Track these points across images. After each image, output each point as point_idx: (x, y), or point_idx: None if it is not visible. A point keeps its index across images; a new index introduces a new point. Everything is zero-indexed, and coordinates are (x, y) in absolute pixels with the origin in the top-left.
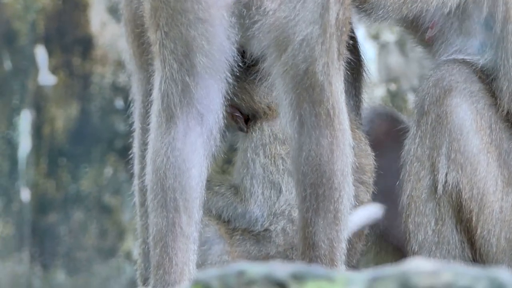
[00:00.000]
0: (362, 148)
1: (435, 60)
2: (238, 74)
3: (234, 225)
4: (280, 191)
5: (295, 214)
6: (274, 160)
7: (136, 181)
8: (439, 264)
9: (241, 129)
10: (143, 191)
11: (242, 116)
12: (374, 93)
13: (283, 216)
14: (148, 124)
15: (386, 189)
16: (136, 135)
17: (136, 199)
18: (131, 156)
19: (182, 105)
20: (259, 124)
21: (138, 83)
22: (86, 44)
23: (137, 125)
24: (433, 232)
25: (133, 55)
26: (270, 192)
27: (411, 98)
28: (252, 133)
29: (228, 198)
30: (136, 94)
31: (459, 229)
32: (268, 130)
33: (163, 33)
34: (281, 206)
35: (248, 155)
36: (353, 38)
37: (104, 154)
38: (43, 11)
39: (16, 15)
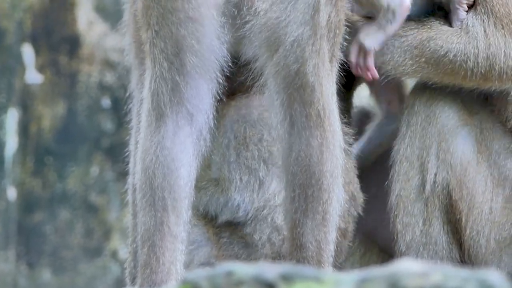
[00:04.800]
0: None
1: None
2: (228, 74)
3: (221, 220)
4: (261, 181)
5: (279, 221)
6: (247, 146)
7: (130, 179)
8: (428, 265)
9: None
10: (135, 189)
11: None
12: (360, 94)
13: (266, 224)
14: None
15: (373, 189)
16: (133, 132)
17: (129, 197)
18: (117, 155)
19: (172, 104)
20: (228, 103)
21: (137, 80)
22: (73, 43)
23: (134, 123)
24: (420, 232)
25: (134, 52)
26: (248, 177)
27: None
28: (224, 113)
29: (210, 191)
30: (134, 91)
31: (446, 230)
32: (235, 109)
33: (153, 32)
34: (262, 210)
35: (221, 140)
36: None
37: (91, 153)
38: (30, 9)
39: (3, 13)
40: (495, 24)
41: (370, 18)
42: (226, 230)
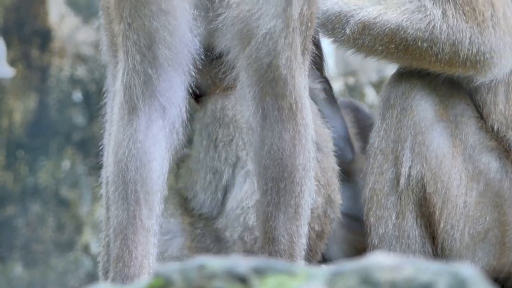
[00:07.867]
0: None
1: None
2: (201, 67)
3: (194, 209)
4: (227, 183)
5: (252, 221)
6: (215, 146)
7: (103, 173)
8: (400, 259)
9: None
10: (108, 182)
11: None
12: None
13: (238, 223)
14: None
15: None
16: (107, 126)
17: (103, 190)
18: (88, 149)
19: (144, 97)
20: (205, 102)
21: (111, 74)
22: (44, 37)
23: (108, 117)
24: (393, 226)
25: (107, 46)
26: (211, 178)
27: (368, 91)
28: (200, 112)
29: (185, 179)
30: (109, 85)
31: (419, 224)
32: (211, 109)
33: (126, 25)
34: (235, 210)
35: (196, 137)
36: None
37: (62, 147)
38: (1, 3)
39: None
40: (456, 8)
41: None
42: (200, 221)
